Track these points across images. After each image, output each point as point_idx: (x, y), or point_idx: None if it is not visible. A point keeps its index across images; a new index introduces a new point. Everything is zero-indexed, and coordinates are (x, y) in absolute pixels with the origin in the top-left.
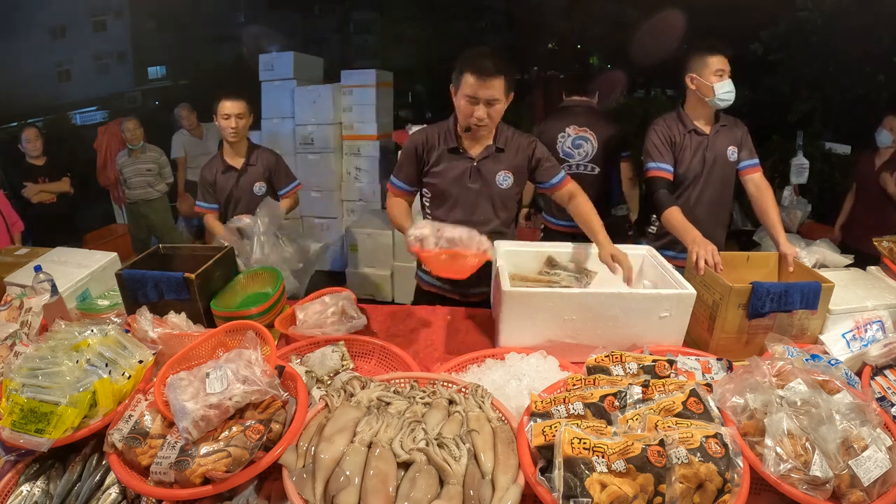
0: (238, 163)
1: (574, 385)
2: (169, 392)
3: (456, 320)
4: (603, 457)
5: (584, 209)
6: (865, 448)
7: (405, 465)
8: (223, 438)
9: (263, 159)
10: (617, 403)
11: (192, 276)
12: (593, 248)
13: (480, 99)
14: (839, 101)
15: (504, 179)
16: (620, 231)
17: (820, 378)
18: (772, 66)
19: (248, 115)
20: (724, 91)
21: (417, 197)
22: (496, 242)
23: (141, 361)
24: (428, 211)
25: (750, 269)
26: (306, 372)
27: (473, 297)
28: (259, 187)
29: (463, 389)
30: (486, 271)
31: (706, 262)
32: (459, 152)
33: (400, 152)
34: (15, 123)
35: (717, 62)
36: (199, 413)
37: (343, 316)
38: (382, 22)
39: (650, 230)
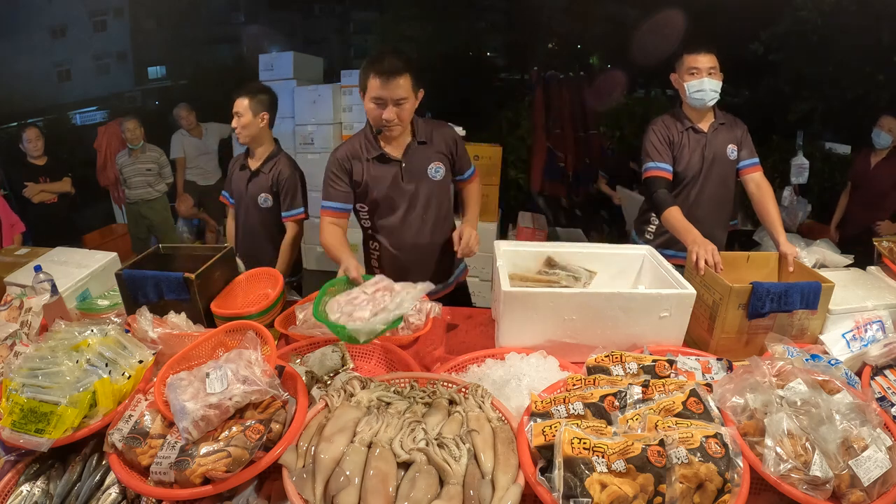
0: (253, 165)
1: (574, 385)
2: (169, 392)
3: (456, 320)
4: (603, 457)
5: (471, 192)
6: (865, 448)
7: (405, 465)
8: (223, 438)
9: (276, 171)
10: (617, 403)
11: (192, 276)
12: (593, 248)
13: (388, 100)
14: (839, 101)
15: (436, 171)
16: None
17: (820, 378)
18: (772, 66)
19: (249, 113)
20: (694, 90)
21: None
22: (495, 242)
23: (141, 361)
24: (368, 224)
25: (750, 269)
26: (306, 372)
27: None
28: (264, 199)
29: (463, 389)
30: (434, 269)
31: (706, 262)
32: (385, 158)
33: (325, 173)
34: (15, 123)
35: (690, 61)
36: (199, 413)
37: None
38: (382, 22)
39: (649, 230)
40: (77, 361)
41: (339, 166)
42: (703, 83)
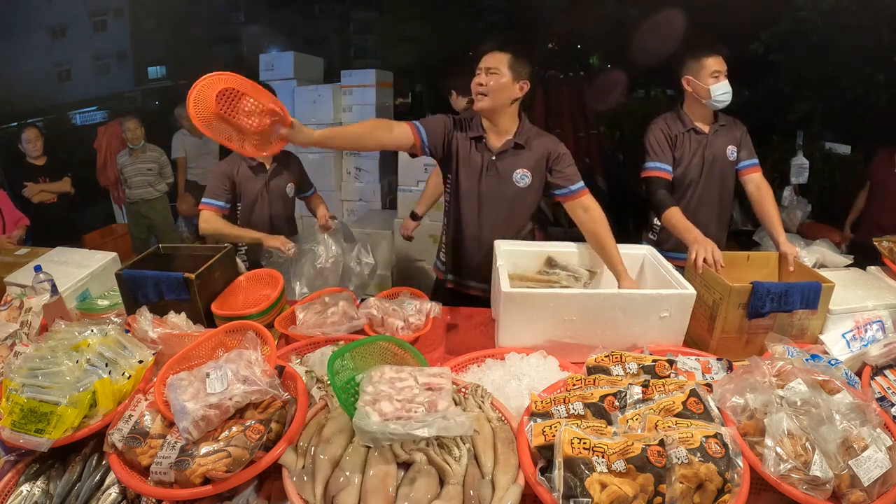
0: (267, 162)
1: (574, 385)
2: (169, 392)
3: (456, 320)
4: (603, 457)
5: (599, 226)
6: (865, 448)
7: (405, 465)
8: (223, 438)
9: (291, 161)
10: (617, 403)
11: (192, 276)
12: (594, 248)
13: (483, 69)
14: (839, 101)
15: (522, 178)
16: None
17: (820, 378)
18: (772, 66)
19: None
20: (721, 92)
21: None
22: (496, 242)
23: (141, 361)
24: (447, 198)
25: (750, 269)
26: (306, 372)
27: (476, 291)
28: (290, 188)
29: (463, 389)
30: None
31: (705, 261)
32: (482, 141)
33: (435, 118)
34: (15, 123)
35: (713, 63)
36: (200, 413)
37: (343, 316)
38: (382, 22)
39: (650, 236)
40: (77, 361)
41: (443, 121)
42: (727, 85)
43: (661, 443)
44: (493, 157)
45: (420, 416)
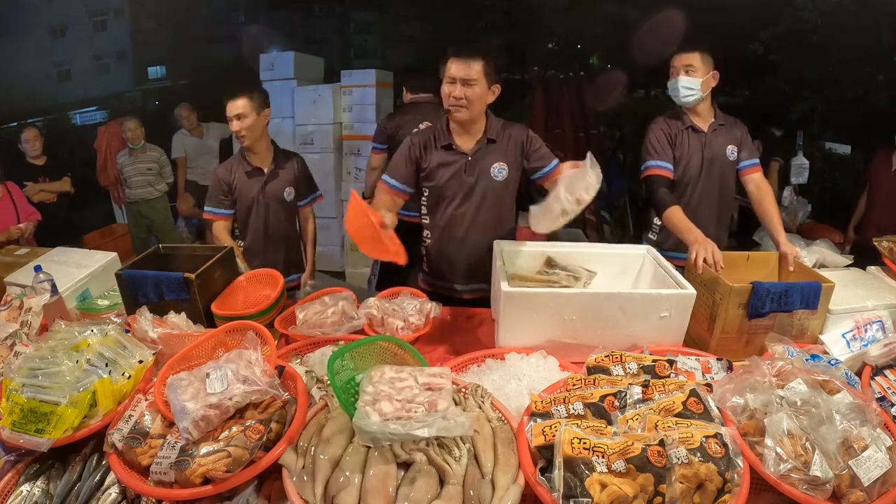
0: (265, 165)
1: (574, 385)
2: (169, 392)
3: (456, 320)
4: (603, 457)
5: None
6: (865, 448)
7: (405, 465)
8: (223, 438)
9: (291, 162)
10: (617, 403)
11: (192, 276)
12: (593, 248)
13: (457, 78)
14: (839, 101)
15: (499, 171)
16: None
17: (820, 378)
18: (772, 66)
19: (253, 113)
20: (670, 88)
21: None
22: (495, 242)
23: (141, 361)
24: (425, 213)
25: (750, 269)
26: (306, 372)
27: (468, 294)
28: (288, 192)
29: (463, 389)
30: (481, 268)
31: (706, 261)
32: (452, 148)
33: (395, 154)
34: (15, 123)
35: (675, 59)
36: (200, 413)
37: (343, 316)
38: (382, 22)
39: (650, 236)
40: (77, 361)
41: (407, 152)
42: (676, 81)
43: (661, 443)
44: (469, 158)
45: (420, 416)
